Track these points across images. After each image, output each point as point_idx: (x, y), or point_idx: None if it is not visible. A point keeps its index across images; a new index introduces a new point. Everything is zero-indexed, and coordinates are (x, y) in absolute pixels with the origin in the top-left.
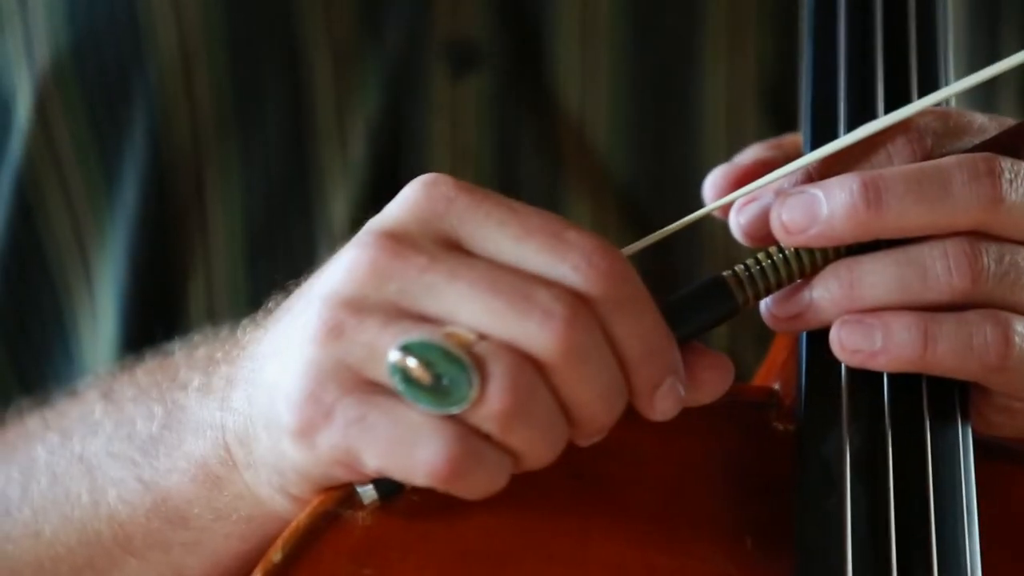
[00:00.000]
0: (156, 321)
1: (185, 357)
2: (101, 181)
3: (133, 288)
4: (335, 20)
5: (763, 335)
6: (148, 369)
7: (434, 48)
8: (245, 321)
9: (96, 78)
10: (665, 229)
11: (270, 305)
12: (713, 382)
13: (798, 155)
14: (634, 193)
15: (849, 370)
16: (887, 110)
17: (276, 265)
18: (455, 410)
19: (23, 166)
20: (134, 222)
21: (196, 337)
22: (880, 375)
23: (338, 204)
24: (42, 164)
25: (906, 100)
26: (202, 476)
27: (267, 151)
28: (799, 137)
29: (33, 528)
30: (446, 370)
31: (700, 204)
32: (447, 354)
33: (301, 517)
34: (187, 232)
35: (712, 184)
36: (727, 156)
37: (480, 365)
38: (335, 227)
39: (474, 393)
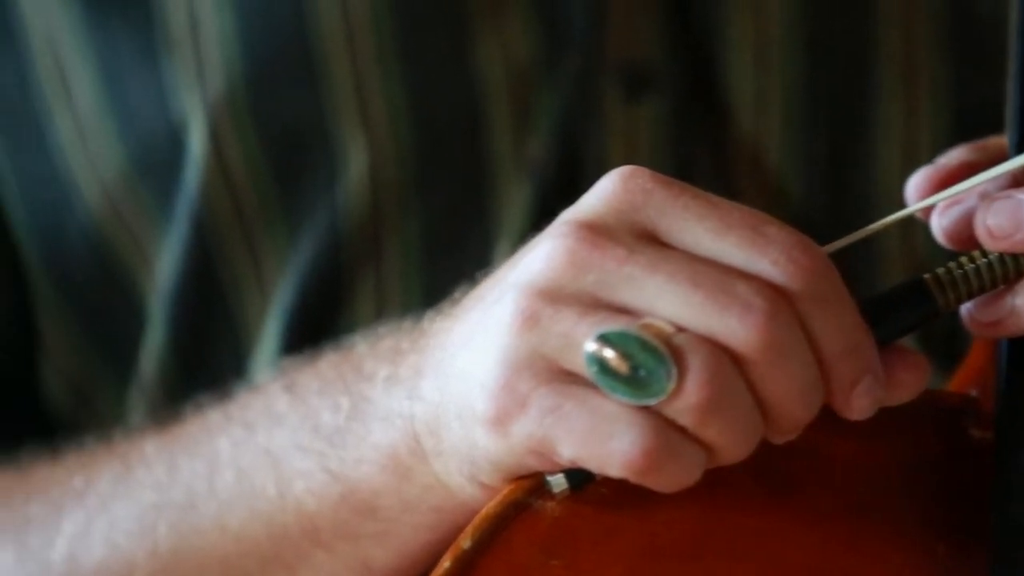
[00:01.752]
0: (323, 327)
1: (370, 349)
2: (279, 209)
3: (302, 302)
4: (511, 44)
5: (951, 345)
6: (332, 362)
7: (609, 71)
8: (431, 312)
9: (269, 108)
10: (867, 228)
11: (456, 295)
12: (910, 382)
13: (1003, 159)
14: (808, 219)
15: None
16: None
17: (449, 290)
18: (652, 402)
19: (199, 196)
20: (313, 244)
21: (380, 330)
22: None
23: (514, 224)
24: (218, 193)
25: None
26: (391, 466)
27: (445, 174)
28: (1004, 140)
29: (220, 522)
30: (644, 361)
31: None
32: (645, 345)
33: (491, 505)
34: (360, 252)
35: (915, 186)
36: (902, 181)
37: (678, 357)
38: (511, 251)
39: (672, 385)
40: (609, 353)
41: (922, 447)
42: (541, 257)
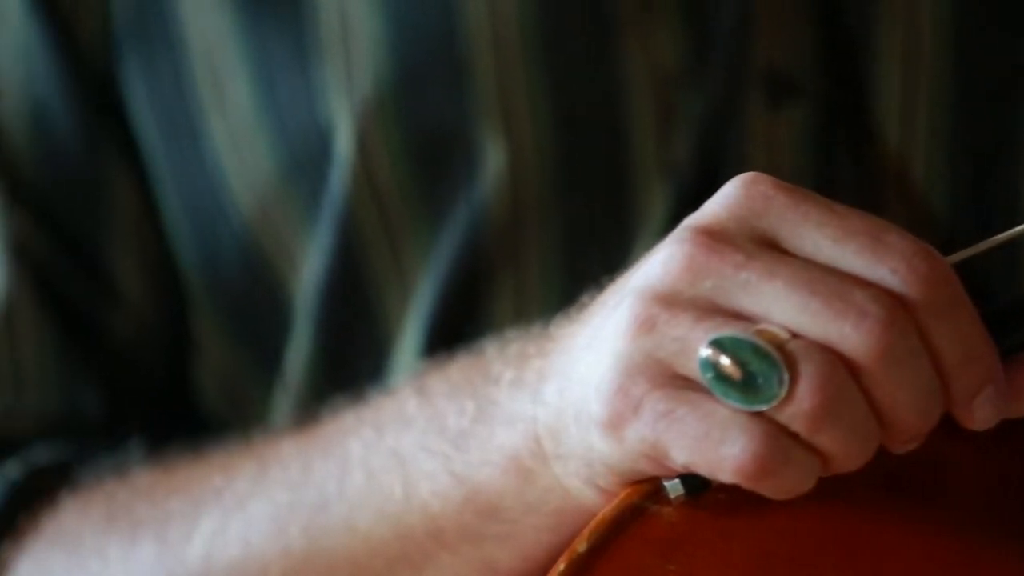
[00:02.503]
0: (462, 330)
1: (497, 353)
2: (421, 210)
3: (442, 304)
4: (657, 48)
5: None
6: (461, 365)
7: (754, 77)
8: (558, 316)
9: (415, 110)
10: (994, 239)
11: (584, 300)
12: None
13: None
14: (953, 234)
15: None
16: None
17: (588, 292)
18: (764, 407)
19: (344, 198)
20: (453, 246)
21: (510, 334)
22: None
23: (653, 228)
24: (362, 195)
25: None
26: (513, 469)
27: (586, 177)
28: None
29: (349, 522)
30: (757, 367)
31: None
32: (758, 351)
33: (607, 509)
34: (500, 254)
35: None
36: None
37: (791, 363)
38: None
39: (784, 391)
40: (722, 358)
41: None
42: (660, 262)
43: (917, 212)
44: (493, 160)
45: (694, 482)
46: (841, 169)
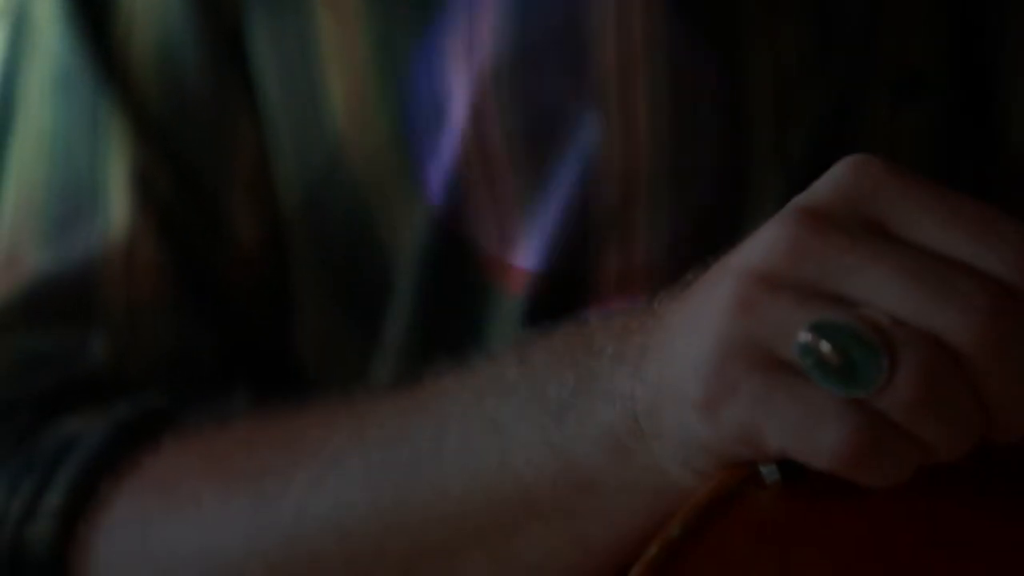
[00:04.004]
0: (562, 308)
1: (601, 325)
2: (529, 186)
3: (544, 282)
4: (781, 42)
5: None
6: (564, 335)
7: (878, 75)
8: (662, 293)
9: (532, 87)
10: None
11: (689, 278)
12: None
13: None
14: None
15: None
16: None
17: None
18: (862, 394)
19: (454, 167)
20: (559, 225)
21: (615, 309)
22: None
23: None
24: (472, 166)
25: None
26: (610, 445)
27: (701, 171)
28: None
29: (442, 485)
30: (856, 353)
31: None
32: (858, 336)
33: (702, 493)
34: (606, 238)
35: None
36: None
37: (892, 350)
38: None
39: (883, 378)
40: (821, 343)
41: None
42: (764, 243)
43: None
44: (606, 141)
45: (791, 468)
46: (965, 171)
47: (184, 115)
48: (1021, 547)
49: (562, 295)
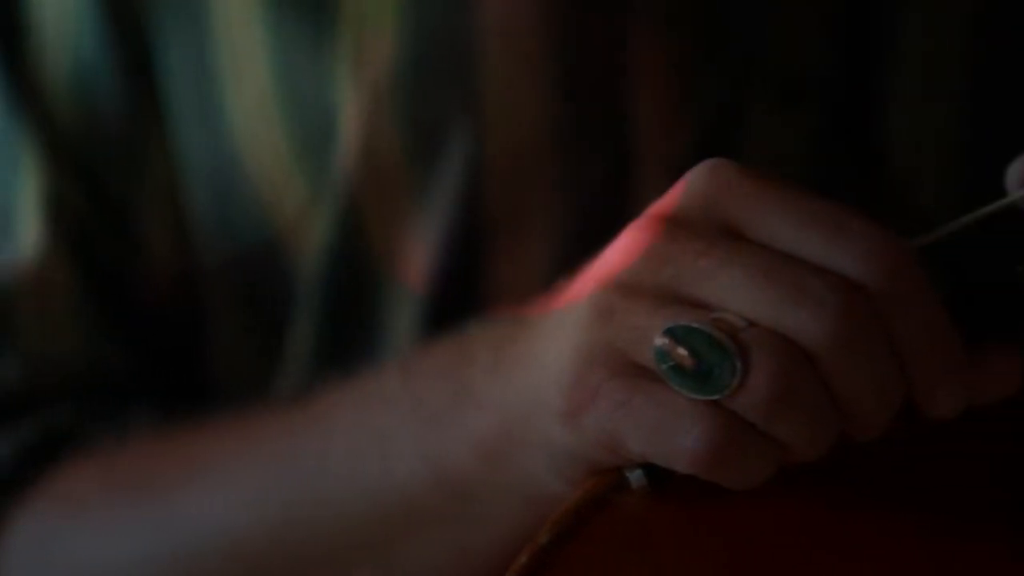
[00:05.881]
0: (457, 314)
1: (479, 336)
2: (419, 193)
3: (438, 289)
4: (671, 45)
5: None
6: (445, 346)
7: (763, 78)
8: (537, 302)
9: (421, 98)
10: (958, 221)
11: (559, 287)
12: (1001, 381)
13: None
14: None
15: None
16: None
17: None
18: (718, 396)
19: (347, 180)
20: (450, 231)
21: (495, 318)
22: None
23: None
24: (364, 180)
25: None
26: (485, 455)
27: (588, 176)
28: None
29: (328, 499)
30: (710, 356)
31: None
32: (711, 340)
33: (570, 500)
34: (497, 243)
35: (1016, 173)
36: None
37: (745, 352)
38: None
39: (737, 380)
40: (677, 348)
41: (1020, 441)
42: (620, 250)
43: (921, 230)
44: (496, 146)
45: (658, 472)
46: (845, 179)
47: (97, 135)
48: (882, 544)
49: (459, 299)
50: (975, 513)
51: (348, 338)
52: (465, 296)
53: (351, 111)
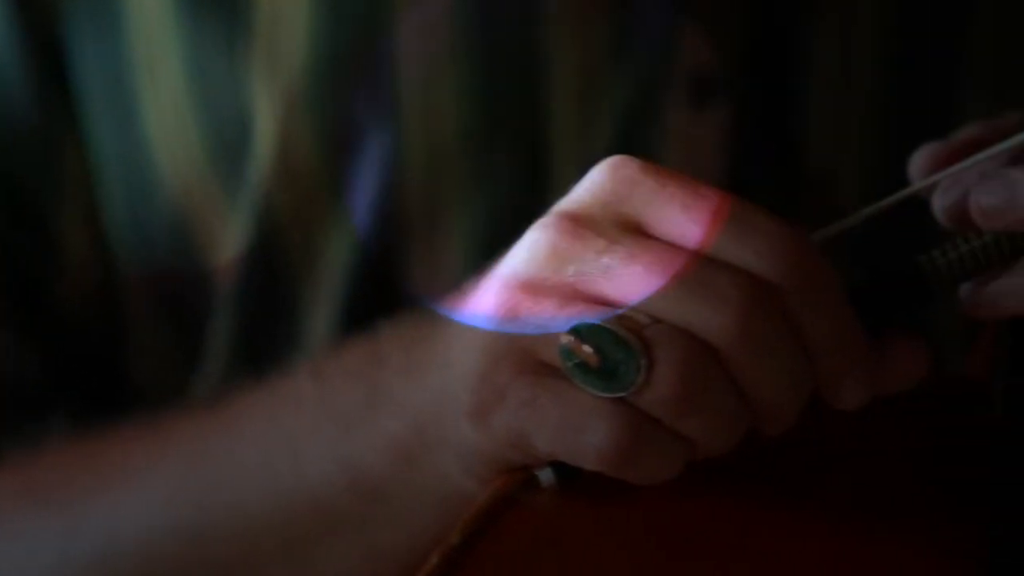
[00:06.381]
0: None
1: (391, 337)
2: (338, 200)
3: (354, 291)
4: (584, 46)
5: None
6: (357, 348)
7: (677, 76)
8: (448, 301)
9: (336, 103)
10: (864, 211)
11: (469, 286)
12: (907, 370)
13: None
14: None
15: None
16: None
17: None
18: (623, 393)
19: (262, 184)
20: (365, 231)
21: (407, 317)
22: None
23: None
24: (279, 183)
25: None
26: (398, 456)
27: (503, 181)
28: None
29: (240, 503)
30: (615, 354)
31: None
32: (616, 337)
33: (480, 500)
34: (414, 239)
35: (918, 163)
36: None
37: (649, 349)
38: None
39: (641, 377)
40: (582, 346)
41: (930, 434)
42: (525, 249)
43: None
44: (412, 145)
45: (567, 470)
46: (759, 177)
47: (9, 139)
48: (790, 538)
49: (377, 295)
50: (889, 508)
51: (266, 340)
52: (383, 295)
53: (266, 113)
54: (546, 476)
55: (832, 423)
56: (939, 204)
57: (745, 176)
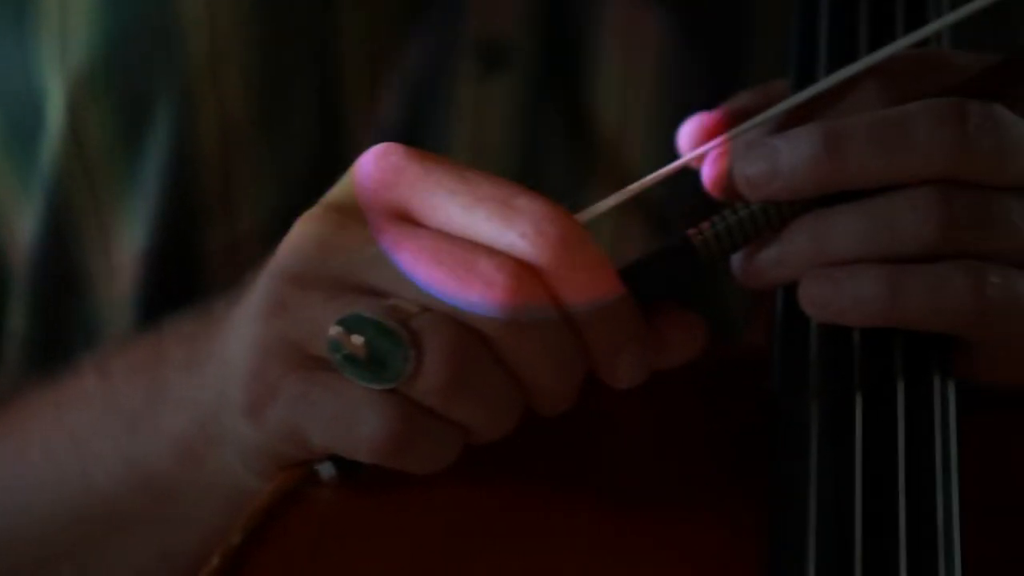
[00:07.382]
0: (172, 299)
1: (173, 333)
2: (128, 177)
3: (151, 274)
4: (373, 20)
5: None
6: (141, 344)
7: (465, 46)
8: (226, 297)
9: (126, 81)
10: (632, 187)
11: (246, 280)
12: (684, 343)
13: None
14: (666, 215)
15: (821, 327)
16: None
17: None
18: (391, 385)
19: (55, 167)
20: (157, 211)
21: (190, 312)
22: (852, 331)
23: None
24: (72, 166)
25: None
26: (182, 454)
27: (296, 150)
28: (786, 83)
29: (28, 505)
30: (381, 344)
31: None
32: (381, 328)
33: (260, 497)
34: (212, 230)
35: (687, 133)
36: None
37: (417, 338)
38: None
39: (410, 367)
40: (351, 338)
41: (715, 403)
42: (292, 242)
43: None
44: (203, 122)
45: (348, 463)
46: (552, 144)
47: None
48: (574, 520)
49: (171, 276)
50: (670, 483)
51: (60, 331)
52: (178, 280)
53: (57, 96)
54: (326, 470)
55: (612, 401)
56: (707, 174)
57: (538, 143)
